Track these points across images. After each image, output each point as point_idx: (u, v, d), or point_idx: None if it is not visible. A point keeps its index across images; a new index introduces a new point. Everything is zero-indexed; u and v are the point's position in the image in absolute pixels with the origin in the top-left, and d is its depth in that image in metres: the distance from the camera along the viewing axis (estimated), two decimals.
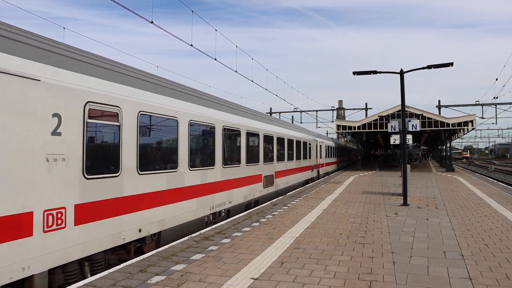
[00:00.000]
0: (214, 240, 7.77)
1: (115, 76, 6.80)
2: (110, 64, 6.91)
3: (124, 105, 6.75)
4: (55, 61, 5.50)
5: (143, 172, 7.18)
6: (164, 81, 8.65)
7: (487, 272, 5.67)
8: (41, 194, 5.07)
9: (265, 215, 10.76)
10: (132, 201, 6.83)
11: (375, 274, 5.60)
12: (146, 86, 7.63)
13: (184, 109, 8.82)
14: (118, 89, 6.70)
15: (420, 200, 14.03)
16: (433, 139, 49.37)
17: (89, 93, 5.97)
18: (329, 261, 6.30)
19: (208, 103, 10.29)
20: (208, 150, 9.92)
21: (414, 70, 13.47)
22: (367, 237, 8.00)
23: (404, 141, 13.77)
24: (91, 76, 6.16)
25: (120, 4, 9.46)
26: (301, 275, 5.57)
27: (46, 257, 5.10)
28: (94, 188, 6.01)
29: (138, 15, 10.29)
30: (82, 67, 6.05)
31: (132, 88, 7.12)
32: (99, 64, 6.52)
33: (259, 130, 13.94)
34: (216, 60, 15.58)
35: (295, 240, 7.78)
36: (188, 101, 9.15)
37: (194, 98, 9.62)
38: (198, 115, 9.39)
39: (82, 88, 5.87)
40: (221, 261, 6.27)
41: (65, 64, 5.70)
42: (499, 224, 9.35)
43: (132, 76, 7.36)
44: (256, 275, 5.56)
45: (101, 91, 6.25)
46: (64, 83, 5.53)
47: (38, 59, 5.19)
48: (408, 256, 6.54)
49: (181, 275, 5.59)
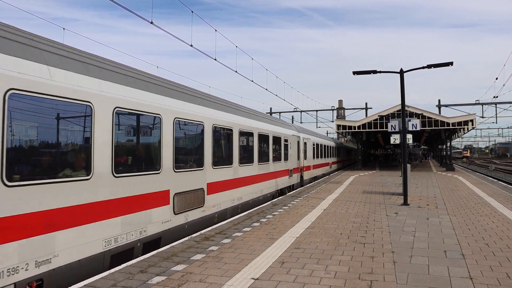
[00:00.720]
0: (215, 240, 7.77)
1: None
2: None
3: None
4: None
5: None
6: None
7: (487, 272, 5.66)
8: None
9: (265, 215, 10.76)
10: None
11: (376, 274, 5.60)
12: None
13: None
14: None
15: (420, 199, 14.03)
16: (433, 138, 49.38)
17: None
18: (330, 261, 6.30)
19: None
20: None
21: (414, 70, 13.47)
22: (367, 237, 8.00)
23: (404, 141, 13.77)
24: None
25: (120, 4, 9.47)
26: (302, 275, 5.57)
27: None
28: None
29: (138, 16, 10.30)
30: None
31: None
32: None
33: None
34: (216, 60, 15.59)
35: (296, 240, 7.78)
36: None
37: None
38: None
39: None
40: (222, 261, 6.27)
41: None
42: (499, 223, 9.35)
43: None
44: (256, 275, 5.56)
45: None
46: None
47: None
48: (409, 256, 6.53)
49: (181, 275, 5.59)
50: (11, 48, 4.89)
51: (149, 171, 7.41)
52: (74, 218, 5.56)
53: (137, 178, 7.02)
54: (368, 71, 13.89)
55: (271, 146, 15.25)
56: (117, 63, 7.31)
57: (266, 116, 16.03)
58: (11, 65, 4.78)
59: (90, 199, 5.89)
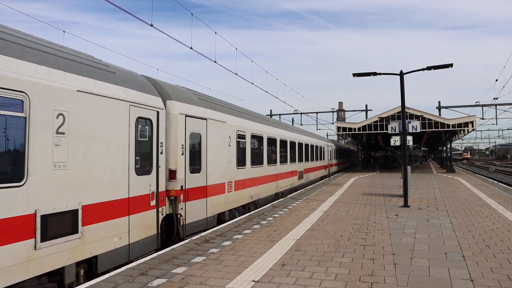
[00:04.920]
0: (215, 242, 7.76)
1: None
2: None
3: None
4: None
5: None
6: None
7: (488, 273, 5.66)
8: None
9: (266, 217, 10.76)
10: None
11: (376, 276, 5.59)
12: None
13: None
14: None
15: (421, 201, 14.02)
16: (434, 140, 49.37)
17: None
18: (330, 263, 6.30)
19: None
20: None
21: (414, 72, 13.48)
22: (368, 239, 7.99)
23: (404, 143, 13.77)
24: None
25: (120, 7, 9.49)
26: (302, 277, 5.56)
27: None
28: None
29: (138, 18, 10.32)
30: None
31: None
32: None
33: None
34: (216, 63, 15.60)
35: (296, 242, 7.77)
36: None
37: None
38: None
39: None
40: (222, 264, 6.26)
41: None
42: (500, 225, 9.34)
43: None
44: (257, 278, 5.56)
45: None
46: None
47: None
48: (409, 258, 6.53)
49: (182, 278, 5.58)
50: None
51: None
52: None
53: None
54: (368, 73, 13.91)
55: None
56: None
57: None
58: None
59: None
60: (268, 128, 15.54)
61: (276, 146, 16.29)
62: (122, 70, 7.41)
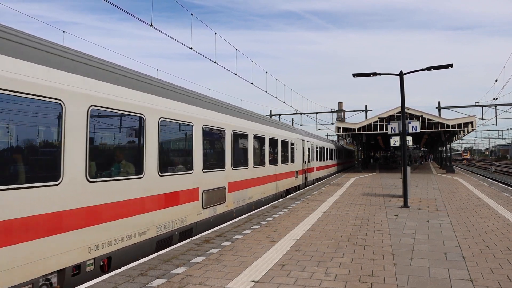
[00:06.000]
0: (215, 243, 7.76)
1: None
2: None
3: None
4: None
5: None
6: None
7: (488, 274, 5.66)
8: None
9: (265, 217, 10.76)
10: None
11: (376, 276, 5.59)
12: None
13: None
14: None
15: (420, 201, 14.02)
16: (434, 140, 49.39)
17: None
18: (330, 263, 6.30)
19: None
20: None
21: (413, 72, 13.49)
22: (367, 239, 7.99)
23: (404, 143, 13.77)
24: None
25: (120, 8, 9.49)
26: (302, 278, 5.56)
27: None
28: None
29: (138, 19, 10.32)
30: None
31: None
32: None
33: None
34: (216, 63, 15.61)
35: (296, 242, 7.77)
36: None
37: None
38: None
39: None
40: (222, 264, 6.26)
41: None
42: (499, 225, 9.34)
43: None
44: (257, 278, 5.56)
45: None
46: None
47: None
48: (409, 258, 6.53)
49: (181, 278, 5.58)
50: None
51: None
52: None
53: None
54: (368, 74, 13.92)
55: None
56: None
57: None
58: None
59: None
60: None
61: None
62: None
